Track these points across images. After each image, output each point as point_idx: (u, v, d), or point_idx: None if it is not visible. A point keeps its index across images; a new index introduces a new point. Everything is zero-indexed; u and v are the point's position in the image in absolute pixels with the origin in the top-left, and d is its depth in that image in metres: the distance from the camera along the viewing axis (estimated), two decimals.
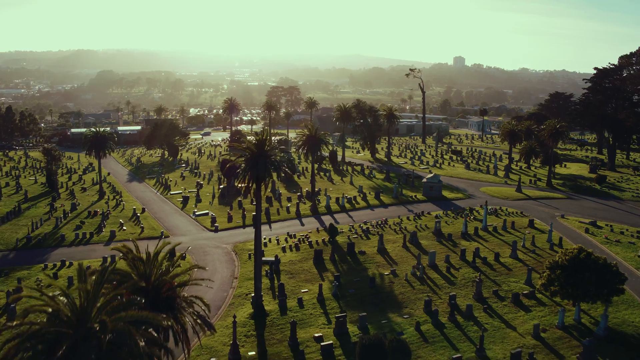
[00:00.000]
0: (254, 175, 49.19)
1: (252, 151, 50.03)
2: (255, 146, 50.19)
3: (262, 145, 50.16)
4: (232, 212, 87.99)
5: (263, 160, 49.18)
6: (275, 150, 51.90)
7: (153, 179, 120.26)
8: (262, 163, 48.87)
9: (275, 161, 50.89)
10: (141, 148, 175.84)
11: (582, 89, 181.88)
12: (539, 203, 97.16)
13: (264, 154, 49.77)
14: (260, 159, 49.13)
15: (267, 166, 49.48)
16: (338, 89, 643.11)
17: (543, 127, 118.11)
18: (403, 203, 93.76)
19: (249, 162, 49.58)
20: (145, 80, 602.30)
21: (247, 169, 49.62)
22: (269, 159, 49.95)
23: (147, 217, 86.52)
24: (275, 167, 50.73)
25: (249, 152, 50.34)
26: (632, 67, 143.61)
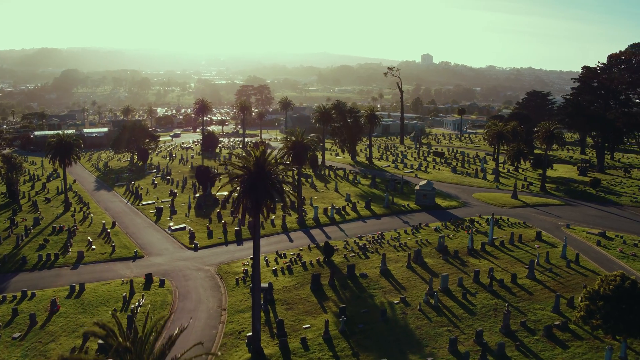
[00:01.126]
0: (252, 201, 41.33)
1: (250, 170, 42.15)
2: (253, 165, 42.23)
3: (262, 164, 42.26)
4: (212, 225, 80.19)
5: (264, 183, 41.37)
6: (278, 167, 43.98)
7: (122, 187, 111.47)
8: (262, 186, 41.14)
9: (278, 183, 43.13)
10: (108, 151, 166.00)
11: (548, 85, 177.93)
12: (539, 211, 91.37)
13: (264, 174, 41.90)
14: (259, 182, 41.27)
15: (269, 190, 41.79)
16: (307, 87, 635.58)
17: (537, 129, 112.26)
18: (396, 213, 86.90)
19: (246, 186, 41.53)
20: (111, 79, 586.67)
21: (243, 194, 41.72)
22: (270, 181, 42.16)
23: (118, 232, 78.05)
24: (278, 191, 42.96)
25: (244, 172, 42.48)
26: (621, 65, 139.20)
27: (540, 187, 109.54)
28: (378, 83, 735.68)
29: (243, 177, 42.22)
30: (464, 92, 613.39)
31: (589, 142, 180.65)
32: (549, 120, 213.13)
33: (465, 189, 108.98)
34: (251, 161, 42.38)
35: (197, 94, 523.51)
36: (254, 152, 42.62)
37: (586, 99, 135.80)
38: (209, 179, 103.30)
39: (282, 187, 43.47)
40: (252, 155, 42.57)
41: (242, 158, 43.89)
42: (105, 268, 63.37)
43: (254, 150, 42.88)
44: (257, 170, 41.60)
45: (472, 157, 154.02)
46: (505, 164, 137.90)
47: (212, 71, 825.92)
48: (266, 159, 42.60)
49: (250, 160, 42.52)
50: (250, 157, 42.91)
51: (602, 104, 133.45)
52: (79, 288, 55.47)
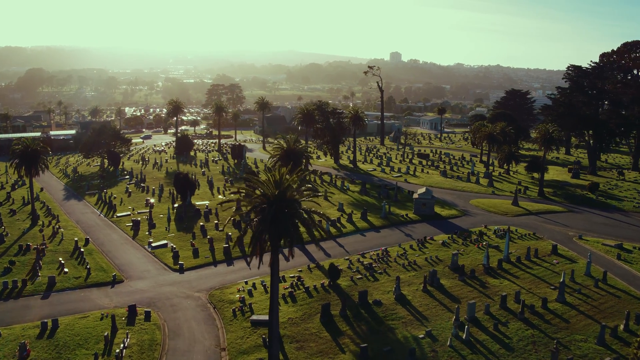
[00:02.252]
0: (273, 235, 34.11)
1: (269, 198, 34.79)
2: (273, 188, 34.84)
3: (282, 188, 34.95)
4: (197, 242, 72.79)
5: (286, 214, 34.11)
6: (301, 192, 36.79)
7: (94, 196, 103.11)
8: (285, 217, 33.93)
9: (306, 213, 35.98)
10: (77, 155, 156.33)
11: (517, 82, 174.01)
12: (544, 219, 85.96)
13: (286, 202, 34.68)
14: (281, 212, 33.97)
15: (294, 221, 34.67)
16: (276, 85, 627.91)
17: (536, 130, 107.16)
18: (395, 224, 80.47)
19: (264, 217, 34.12)
20: (76, 78, 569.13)
21: (262, 227, 34.33)
22: (295, 210, 34.97)
23: (93, 251, 70.11)
24: (305, 221, 35.80)
25: (261, 200, 35.20)
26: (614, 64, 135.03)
27: (538, 192, 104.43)
28: (347, 81, 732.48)
29: (260, 206, 34.96)
30: (434, 90, 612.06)
31: (573, 142, 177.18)
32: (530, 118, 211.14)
33: (460, 194, 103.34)
34: (270, 186, 35.11)
35: (165, 93, 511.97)
36: (273, 175, 35.46)
37: (578, 99, 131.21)
38: (189, 188, 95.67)
39: (312, 217, 36.33)
40: (270, 178, 35.36)
41: (259, 182, 36.61)
42: (80, 296, 55.60)
43: (274, 172, 35.70)
44: (280, 197, 34.42)
45: (458, 159, 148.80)
46: (492, 165, 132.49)
47: (179, 70, 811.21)
48: (289, 183, 35.48)
49: (269, 186, 35.20)
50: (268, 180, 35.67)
51: (595, 105, 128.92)
52: (52, 325, 47.71)
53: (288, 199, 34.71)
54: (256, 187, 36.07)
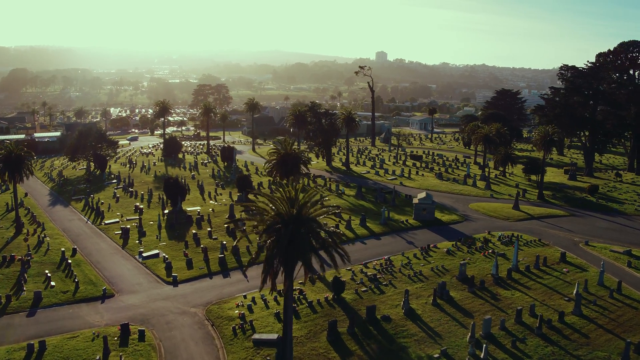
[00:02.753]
0: (289, 260, 30.88)
1: (281, 215, 31.63)
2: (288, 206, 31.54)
3: (298, 206, 31.73)
4: (190, 251, 69.49)
5: (303, 235, 30.92)
6: (318, 209, 33.62)
7: (80, 201, 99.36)
8: (303, 239, 30.74)
9: (327, 234, 32.84)
10: (62, 158, 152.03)
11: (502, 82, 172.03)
12: (546, 224, 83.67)
13: (302, 220, 31.52)
14: (298, 233, 30.75)
15: (312, 244, 31.51)
16: (262, 85, 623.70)
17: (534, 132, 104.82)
18: (396, 231, 77.64)
19: (280, 240, 30.78)
20: (61, 79, 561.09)
21: (278, 251, 31.06)
22: (312, 230, 31.83)
23: (81, 262, 66.53)
24: (325, 244, 32.63)
25: (274, 219, 31.98)
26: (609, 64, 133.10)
27: (537, 195, 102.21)
28: (333, 81, 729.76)
29: (275, 226, 31.72)
30: (420, 90, 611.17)
31: (565, 143, 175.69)
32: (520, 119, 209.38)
33: (458, 198, 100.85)
34: (284, 204, 31.89)
35: (150, 93, 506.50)
36: (286, 191, 32.28)
37: (574, 100, 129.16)
38: (180, 193, 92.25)
39: (333, 238, 33.15)
40: (284, 194, 32.13)
41: (271, 199, 33.39)
42: (68, 313, 52.16)
43: (289, 188, 32.54)
44: (296, 216, 31.24)
45: (452, 160, 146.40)
46: (487, 167, 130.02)
47: (164, 70, 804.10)
48: (305, 200, 32.32)
49: (283, 203, 31.93)
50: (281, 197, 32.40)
51: (591, 105, 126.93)
52: (39, 347, 44.28)
53: (304, 218, 31.55)
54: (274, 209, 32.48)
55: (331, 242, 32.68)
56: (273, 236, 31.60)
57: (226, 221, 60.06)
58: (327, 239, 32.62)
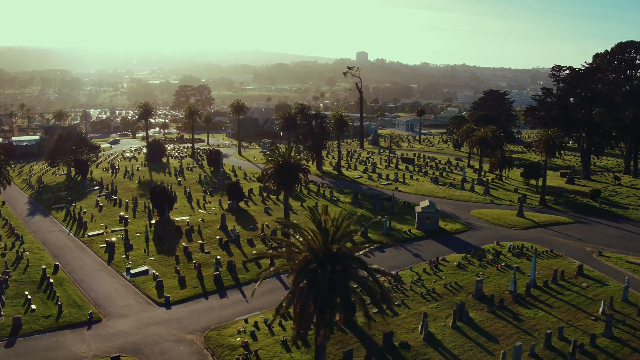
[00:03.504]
0: (329, 308, 26.16)
1: (314, 251, 26.88)
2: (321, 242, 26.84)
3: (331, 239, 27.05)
4: (181, 267, 64.65)
5: (342, 277, 26.28)
6: (353, 259, 28.52)
7: (62, 210, 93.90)
8: (342, 282, 26.10)
9: (368, 272, 28.23)
10: (42, 163, 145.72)
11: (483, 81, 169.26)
12: (554, 232, 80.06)
13: (340, 258, 26.82)
14: (337, 275, 26.11)
15: (351, 287, 26.89)
16: (243, 86, 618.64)
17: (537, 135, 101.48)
18: (400, 242, 73.36)
19: (317, 284, 25.93)
20: (39, 80, 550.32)
21: (313, 296, 26.16)
22: (352, 272, 27.16)
23: (64, 280, 61.32)
24: (370, 289, 27.90)
25: (306, 256, 27.23)
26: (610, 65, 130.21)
27: (539, 200, 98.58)
28: (314, 81, 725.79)
29: (303, 264, 27.01)
30: (402, 90, 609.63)
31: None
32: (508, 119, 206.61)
33: (457, 204, 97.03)
34: (317, 238, 27.12)
35: (130, 94, 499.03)
36: (317, 218, 27.60)
37: (574, 103, 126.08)
38: (167, 202, 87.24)
39: (378, 281, 28.54)
40: (315, 226, 27.39)
41: (298, 229, 28.71)
42: (52, 343, 47.05)
43: (325, 217, 27.85)
44: (335, 254, 26.56)
45: (445, 163, 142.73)
46: (481, 170, 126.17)
47: (144, 70, 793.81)
48: (342, 232, 27.64)
49: (316, 238, 27.14)
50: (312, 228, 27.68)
51: (588, 107, 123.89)
52: None
53: (343, 255, 26.90)
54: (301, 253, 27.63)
55: (376, 287, 28.06)
56: (306, 278, 26.75)
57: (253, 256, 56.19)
58: (369, 282, 27.99)
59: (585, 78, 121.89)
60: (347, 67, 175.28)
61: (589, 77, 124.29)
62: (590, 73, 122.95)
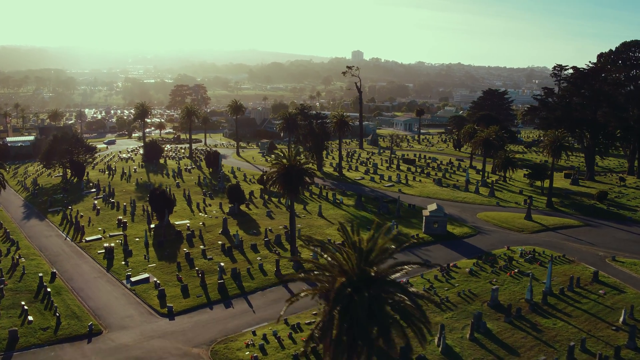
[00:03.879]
0: (366, 338, 23.94)
1: (347, 273, 24.64)
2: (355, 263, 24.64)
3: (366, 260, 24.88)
4: (183, 274, 62.46)
5: (380, 303, 24.16)
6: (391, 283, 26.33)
7: (58, 214, 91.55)
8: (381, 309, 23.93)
9: (411, 300, 26.07)
10: (36, 164, 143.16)
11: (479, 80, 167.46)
12: (564, 236, 78.22)
13: (378, 282, 24.73)
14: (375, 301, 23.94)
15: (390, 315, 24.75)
16: (238, 85, 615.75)
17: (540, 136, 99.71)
18: (408, 247, 71.20)
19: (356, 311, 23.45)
20: (33, 79, 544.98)
21: (349, 326, 23.86)
22: (391, 297, 25.02)
23: (62, 289, 59.03)
24: (404, 313, 25.76)
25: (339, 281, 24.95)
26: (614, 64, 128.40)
27: (546, 203, 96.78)
28: (310, 80, 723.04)
29: (339, 289, 24.71)
30: (398, 89, 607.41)
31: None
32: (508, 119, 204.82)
33: (463, 207, 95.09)
34: (351, 259, 24.89)
35: (125, 93, 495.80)
36: (358, 240, 25.29)
37: (577, 102, 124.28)
38: (167, 205, 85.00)
39: (417, 303, 26.42)
40: (350, 246, 25.18)
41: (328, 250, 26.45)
42: (51, 358, 44.80)
43: (359, 237, 25.67)
44: (361, 273, 24.40)
45: (447, 164, 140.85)
46: (486, 172, 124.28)
47: (139, 69, 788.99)
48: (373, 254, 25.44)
49: (350, 258, 24.90)
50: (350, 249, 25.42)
51: (592, 106, 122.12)
52: None
53: (381, 280, 24.74)
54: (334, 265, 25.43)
55: (418, 314, 25.94)
56: (339, 305, 24.45)
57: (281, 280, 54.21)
58: (409, 306, 25.84)
59: (589, 78, 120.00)
60: (346, 66, 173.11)
61: (593, 77, 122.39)
62: (594, 73, 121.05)
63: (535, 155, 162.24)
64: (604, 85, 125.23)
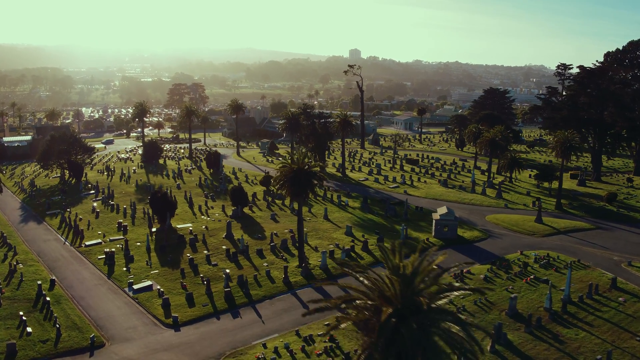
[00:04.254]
0: None
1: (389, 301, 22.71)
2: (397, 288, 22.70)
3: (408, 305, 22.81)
4: (188, 281, 60.34)
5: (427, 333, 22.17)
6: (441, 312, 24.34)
7: (56, 217, 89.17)
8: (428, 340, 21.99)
9: (461, 328, 24.12)
10: (34, 164, 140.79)
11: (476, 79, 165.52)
12: (576, 240, 76.32)
13: (425, 312, 22.70)
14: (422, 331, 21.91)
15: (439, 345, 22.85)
16: (236, 84, 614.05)
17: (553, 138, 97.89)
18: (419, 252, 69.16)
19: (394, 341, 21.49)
20: (30, 78, 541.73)
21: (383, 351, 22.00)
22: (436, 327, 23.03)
23: (61, 297, 56.84)
24: (452, 342, 23.89)
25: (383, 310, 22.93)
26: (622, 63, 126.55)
27: (555, 205, 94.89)
28: (308, 79, 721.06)
29: (385, 320, 22.61)
30: (396, 87, 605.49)
31: None
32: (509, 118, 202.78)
33: (471, 209, 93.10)
34: (394, 285, 22.87)
35: (122, 92, 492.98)
36: (394, 263, 23.33)
37: (585, 102, 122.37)
38: (169, 208, 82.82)
39: (471, 333, 24.47)
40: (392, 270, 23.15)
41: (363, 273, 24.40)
42: None
43: (402, 263, 23.61)
44: (406, 301, 22.39)
45: (450, 164, 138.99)
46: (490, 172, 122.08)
47: (136, 68, 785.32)
48: (418, 278, 23.41)
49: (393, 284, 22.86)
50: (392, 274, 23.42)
51: (599, 106, 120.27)
52: None
53: (429, 309, 22.66)
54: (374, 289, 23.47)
55: (471, 344, 24.01)
56: (382, 337, 22.41)
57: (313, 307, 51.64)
58: (458, 335, 23.89)
59: (595, 77, 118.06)
60: (347, 65, 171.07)
61: (600, 76, 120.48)
62: (601, 72, 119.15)
63: (538, 155, 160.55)
64: (611, 85, 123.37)
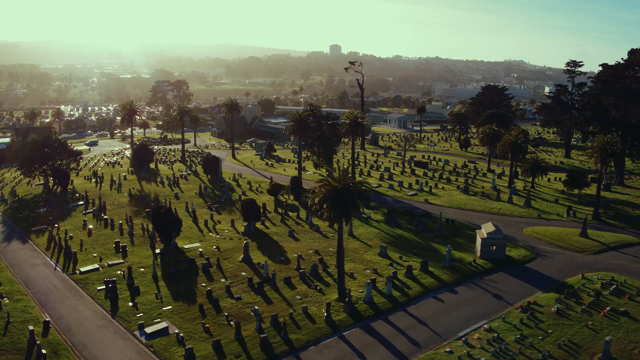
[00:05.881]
0: None
1: None
2: None
3: None
4: (209, 321, 50.81)
5: None
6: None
7: (43, 234, 79.59)
8: None
9: None
10: (13, 169, 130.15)
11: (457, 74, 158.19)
12: (629, 256, 69.04)
13: None
14: None
15: None
16: (217, 80, 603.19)
17: (591, 143, 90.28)
18: (468, 278, 60.97)
19: None
20: (6, 75, 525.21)
21: None
22: None
23: (59, 347, 46.82)
24: None
25: None
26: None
27: (592, 214, 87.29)
28: (288, 75, 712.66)
29: None
30: (378, 83, 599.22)
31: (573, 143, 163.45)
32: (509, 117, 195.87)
33: (503, 220, 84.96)
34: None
35: (101, 89, 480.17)
36: None
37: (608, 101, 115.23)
38: (174, 226, 73.55)
39: None
40: None
41: None
42: None
43: None
44: None
45: (461, 166, 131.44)
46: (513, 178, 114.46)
47: (114, 64, 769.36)
48: None
49: None
50: None
51: (624, 106, 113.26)
52: None
53: None
54: None
55: None
56: None
57: None
58: None
59: (619, 75, 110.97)
60: (349, 62, 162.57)
61: (623, 75, 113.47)
62: (624, 69, 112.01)
63: (546, 156, 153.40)
64: (633, 83, 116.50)
